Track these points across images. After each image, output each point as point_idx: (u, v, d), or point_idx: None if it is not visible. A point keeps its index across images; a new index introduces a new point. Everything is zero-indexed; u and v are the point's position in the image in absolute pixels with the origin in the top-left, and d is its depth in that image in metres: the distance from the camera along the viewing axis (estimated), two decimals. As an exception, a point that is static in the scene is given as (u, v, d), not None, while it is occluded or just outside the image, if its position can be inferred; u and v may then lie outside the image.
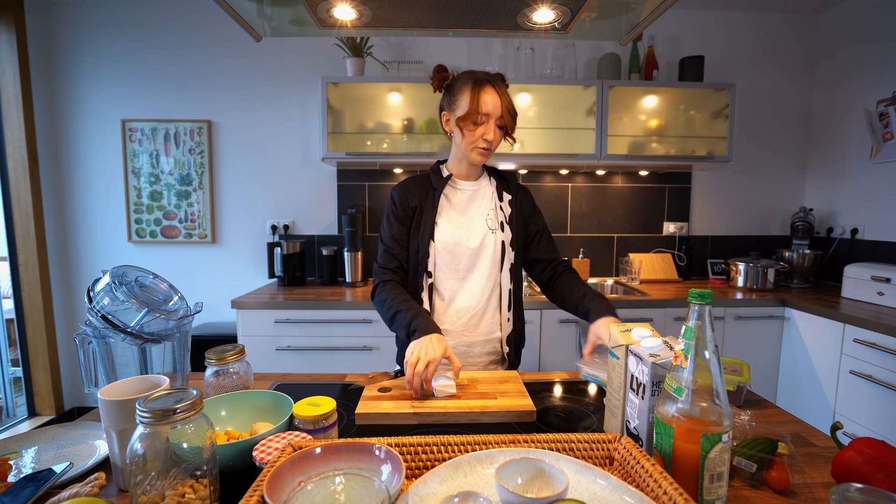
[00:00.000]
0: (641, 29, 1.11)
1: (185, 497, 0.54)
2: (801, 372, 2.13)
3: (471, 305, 1.22)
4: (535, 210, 1.31)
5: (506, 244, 1.22)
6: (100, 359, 0.79)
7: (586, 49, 2.62)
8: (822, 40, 2.68)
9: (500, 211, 1.24)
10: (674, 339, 0.71)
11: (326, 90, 2.24)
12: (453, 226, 1.22)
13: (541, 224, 1.31)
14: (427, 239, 1.20)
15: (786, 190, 2.80)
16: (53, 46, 2.53)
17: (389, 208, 1.25)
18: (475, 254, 1.22)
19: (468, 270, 1.22)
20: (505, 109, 1.13)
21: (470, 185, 1.26)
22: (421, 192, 1.24)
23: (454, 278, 1.23)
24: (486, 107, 1.11)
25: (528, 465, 0.58)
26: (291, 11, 1.09)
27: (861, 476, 0.62)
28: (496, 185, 1.27)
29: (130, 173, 2.60)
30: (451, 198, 1.25)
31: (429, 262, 1.21)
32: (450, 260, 1.22)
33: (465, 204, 1.25)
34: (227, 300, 2.59)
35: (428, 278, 1.21)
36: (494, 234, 1.22)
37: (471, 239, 1.21)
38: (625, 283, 2.57)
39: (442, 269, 1.22)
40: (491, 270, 1.23)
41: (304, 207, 2.67)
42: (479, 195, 1.26)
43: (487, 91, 1.12)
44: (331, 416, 0.74)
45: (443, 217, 1.22)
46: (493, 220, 1.23)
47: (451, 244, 1.21)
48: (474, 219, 1.24)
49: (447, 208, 1.24)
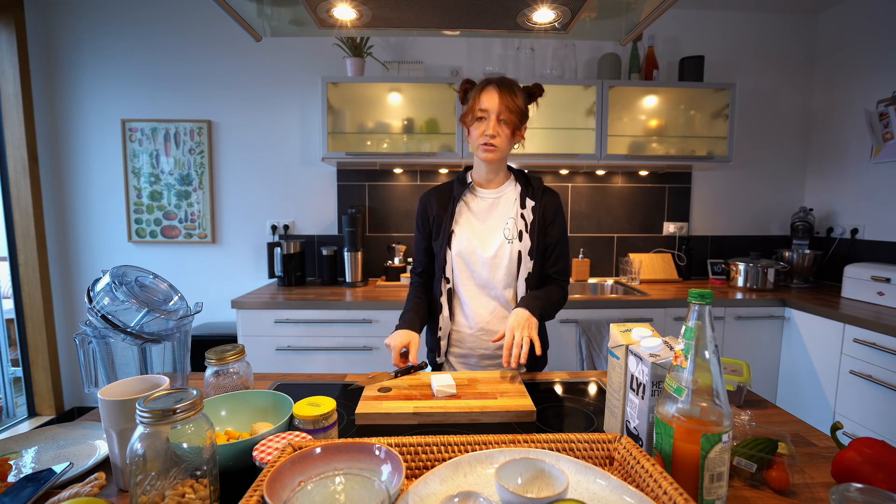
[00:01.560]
0: (641, 29, 1.11)
1: (185, 497, 0.54)
2: (801, 372, 2.13)
3: (486, 313, 1.24)
4: (557, 217, 1.26)
5: (522, 254, 1.20)
6: (100, 359, 0.79)
7: (586, 49, 2.62)
8: (821, 40, 2.68)
9: (520, 219, 1.22)
10: (674, 339, 0.71)
11: (326, 90, 2.24)
12: (470, 234, 1.23)
13: (557, 234, 1.26)
14: (444, 246, 1.23)
15: (786, 190, 2.80)
16: (53, 46, 2.53)
17: (416, 219, 1.34)
18: (490, 263, 1.22)
19: (486, 279, 1.23)
20: (504, 106, 1.13)
21: (491, 193, 1.26)
22: (441, 202, 1.27)
23: (472, 286, 1.25)
24: (483, 103, 1.14)
25: (528, 465, 0.58)
26: (291, 11, 1.09)
27: (861, 476, 0.62)
28: (520, 191, 1.26)
29: (130, 173, 2.60)
30: (472, 205, 1.26)
31: (447, 269, 1.23)
32: (465, 268, 1.24)
33: (485, 212, 1.25)
34: (227, 300, 2.59)
35: (446, 284, 1.24)
36: (511, 244, 1.21)
37: (486, 248, 1.22)
38: (625, 283, 2.57)
39: (459, 277, 1.25)
40: (508, 279, 1.23)
41: (304, 207, 2.67)
42: (500, 203, 1.26)
43: (488, 90, 1.15)
44: (331, 416, 0.74)
45: (460, 225, 1.24)
46: (511, 229, 1.22)
47: (467, 252, 1.22)
48: (493, 227, 1.23)
49: (467, 215, 1.25)
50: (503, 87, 1.14)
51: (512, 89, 1.15)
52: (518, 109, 1.16)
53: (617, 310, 2.16)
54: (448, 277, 1.24)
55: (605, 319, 2.14)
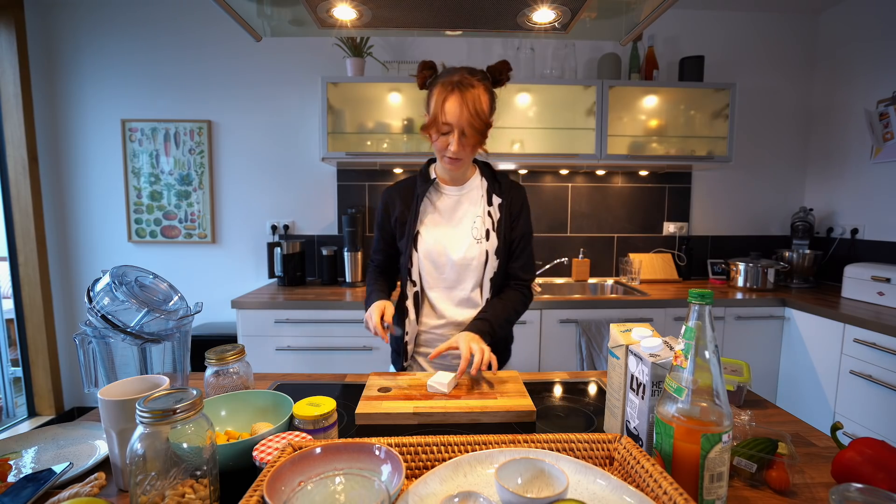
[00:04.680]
0: (641, 29, 1.11)
1: (185, 497, 0.54)
2: (801, 372, 2.13)
3: (454, 308, 1.21)
4: (522, 212, 1.22)
5: (490, 253, 1.17)
6: (100, 359, 0.79)
7: (586, 49, 2.62)
8: (822, 40, 2.68)
9: (487, 217, 1.18)
10: (674, 339, 0.71)
11: (326, 90, 2.24)
12: (437, 235, 1.18)
13: (522, 231, 1.22)
14: (410, 247, 1.17)
15: (786, 190, 2.80)
16: (53, 46, 2.53)
17: (377, 213, 1.28)
18: (459, 265, 1.18)
19: (454, 281, 1.19)
20: (468, 121, 1.05)
21: (456, 190, 1.21)
22: (404, 200, 1.21)
23: (440, 287, 1.20)
24: (447, 116, 1.05)
25: (528, 465, 0.58)
26: (291, 11, 1.09)
27: (861, 476, 0.62)
28: (486, 186, 1.21)
29: (130, 173, 2.60)
30: (437, 203, 1.20)
31: (412, 271, 1.18)
32: (432, 270, 1.19)
33: (451, 210, 1.20)
34: (227, 300, 2.59)
35: (412, 287, 1.19)
36: (479, 243, 1.17)
37: (454, 250, 1.17)
38: (625, 283, 2.57)
39: (427, 279, 1.20)
40: (476, 280, 1.19)
41: (304, 207, 2.67)
42: (466, 199, 1.20)
43: (451, 99, 1.05)
44: (331, 416, 0.74)
45: (425, 225, 1.19)
46: (479, 228, 1.18)
47: (435, 254, 1.17)
48: (460, 227, 1.19)
49: (431, 214, 1.20)
50: (467, 93, 1.05)
51: (477, 95, 1.06)
52: (483, 121, 1.07)
53: (617, 310, 2.16)
54: (415, 280, 1.19)
55: (605, 319, 2.14)
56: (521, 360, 2.17)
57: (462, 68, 1.11)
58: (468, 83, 1.06)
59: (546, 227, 2.73)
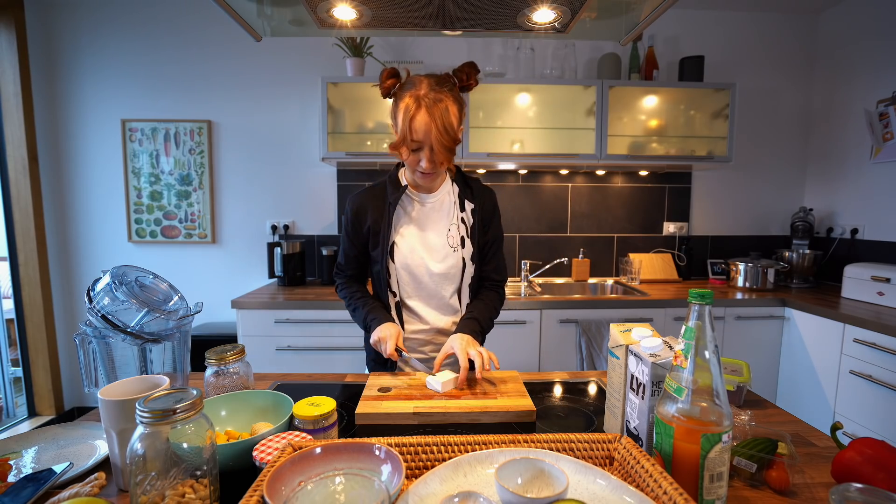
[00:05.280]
0: (641, 29, 1.11)
1: (185, 497, 0.54)
2: (801, 372, 2.13)
3: (439, 321, 1.21)
4: (494, 216, 1.23)
5: (466, 260, 1.18)
6: (100, 359, 0.79)
7: (586, 49, 2.62)
8: (821, 40, 2.68)
9: (461, 224, 1.18)
10: (674, 339, 0.71)
11: (326, 90, 2.24)
12: (413, 245, 1.17)
13: (494, 234, 1.23)
14: (386, 259, 1.16)
15: (786, 190, 2.80)
16: (53, 46, 2.53)
17: (344, 221, 1.22)
18: (439, 276, 1.18)
19: (434, 290, 1.19)
20: (435, 137, 1.02)
21: (429, 197, 1.19)
22: (376, 208, 1.18)
23: (421, 296, 1.20)
24: (416, 133, 1.03)
25: (528, 465, 0.58)
26: (291, 11, 1.09)
27: (861, 476, 0.62)
28: (458, 192, 1.20)
29: (130, 173, 2.60)
30: (410, 212, 1.19)
31: (391, 282, 1.17)
32: (410, 280, 1.18)
33: (425, 217, 1.19)
34: (227, 300, 2.59)
35: (393, 297, 1.19)
36: (456, 251, 1.17)
37: (433, 262, 1.17)
38: (625, 283, 2.57)
39: (406, 289, 1.19)
40: (455, 287, 1.20)
41: (304, 207, 2.67)
42: (439, 206, 1.20)
43: (418, 116, 1.01)
44: (331, 416, 0.74)
45: (401, 235, 1.17)
46: (454, 236, 1.18)
47: (413, 266, 1.16)
48: (435, 236, 1.18)
49: (405, 223, 1.18)
50: (434, 109, 1.01)
51: (444, 108, 1.02)
52: (452, 138, 1.04)
53: (617, 310, 2.16)
54: (395, 291, 1.18)
55: (605, 319, 2.14)
56: (521, 360, 2.17)
57: (427, 78, 1.06)
58: (435, 97, 1.02)
59: (546, 227, 2.73)
